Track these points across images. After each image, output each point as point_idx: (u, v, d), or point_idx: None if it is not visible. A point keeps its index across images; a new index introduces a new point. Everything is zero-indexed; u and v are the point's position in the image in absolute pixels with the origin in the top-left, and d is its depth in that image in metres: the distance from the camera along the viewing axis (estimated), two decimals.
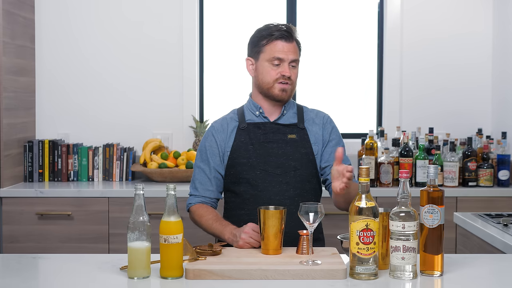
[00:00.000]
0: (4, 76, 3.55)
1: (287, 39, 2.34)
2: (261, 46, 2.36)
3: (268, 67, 2.35)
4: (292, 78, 2.35)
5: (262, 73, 2.37)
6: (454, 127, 4.08)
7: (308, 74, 4.22)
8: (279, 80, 2.34)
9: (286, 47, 2.33)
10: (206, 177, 2.40)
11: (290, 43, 2.35)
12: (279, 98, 2.36)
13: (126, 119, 4.07)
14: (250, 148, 2.36)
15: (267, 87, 2.36)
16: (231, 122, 2.43)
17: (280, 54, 2.33)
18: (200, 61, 4.18)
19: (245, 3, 4.25)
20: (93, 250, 3.47)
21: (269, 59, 2.34)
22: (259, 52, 2.37)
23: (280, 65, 2.34)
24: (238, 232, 2.15)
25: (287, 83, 2.34)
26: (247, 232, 2.12)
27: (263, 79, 2.37)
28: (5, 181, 3.56)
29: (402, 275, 1.81)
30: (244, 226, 2.16)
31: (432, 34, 4.12)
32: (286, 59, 2.33)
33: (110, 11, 4.07)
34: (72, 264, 1.98)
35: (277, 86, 2.34)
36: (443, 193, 1.86)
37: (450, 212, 3.10)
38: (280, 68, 2.33)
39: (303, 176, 2.37)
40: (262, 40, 2.36)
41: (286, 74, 2.33)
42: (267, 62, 2.35)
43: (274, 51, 2.33)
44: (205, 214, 2.34)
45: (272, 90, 2.36)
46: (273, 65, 2.34)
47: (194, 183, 2.43)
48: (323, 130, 2.43)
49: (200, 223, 2.36)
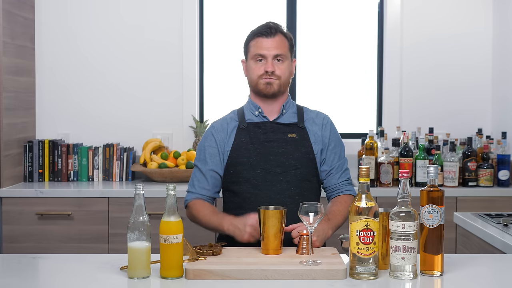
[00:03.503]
0: (4, 76, 3.55)
1: (268, 35, 2.37)
2: (247, 45, 2.43)
3: (253, 65, 2.39)
4: (278, 73, 2.37)
5: (249, 71, 2.43)
6: (454, 127, 4.08)
7: (308, 74, 4.23)
8: (263, 76, 2.37)
9: (268, 43, 2.36)
10: (203, 176, 2.41)
11: (272, 38, 2.37)
12: (265, 92, 2.39)
13: (126, 119, 4.07)
14: (250, 147, 2.37)
15: (254, 84, 2.41)
16: (231, 122, 2.45)
17: (261, 50, 2.36)
18: (200, 61, 4.18)
19: (245, 4, 4.25)
20: (93, 250, 3.47)
21: (253, 56, 2.39)
22: (247, 52, 2.44)
23: (264, 61, 2.37)
24: (241, 224, 2.15)
25: (271, 78, 2.37)
26: (252, 225, 2.12)
27: (250, 77, 2.42)
28: (5, 181, 3.56)
29: (402, 275, 1.81)
30: (246, 218, 2.16)
31: (432, 34, 4.12)
32: (268, 55, 2.36)
33: (110, 11, 4.07)
34: (72, 264, 1.98)
35: (262, 81, 2.38)
36: (443, 193, 1.86)
37: (450, 212, 3.09)
38: (264, 64, 2.37)
39: (303, 175, 2.37)
40: (248, 40, 2.43)
41: (269, 69, 2.35)
42: (252, 60, 2.40)
43: (256, 48, 2.38)
44: (202, 209, 2.35)
45: (258, 86, 2.39)
46: (257, 62, 2.38)
47: (192, 181, 2.45)
48: (323, 131, 2.44)
49: (198, 218, 2.36)
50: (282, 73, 2.38)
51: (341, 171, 2.45)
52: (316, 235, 2.15)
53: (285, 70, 2.39)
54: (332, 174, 2.43)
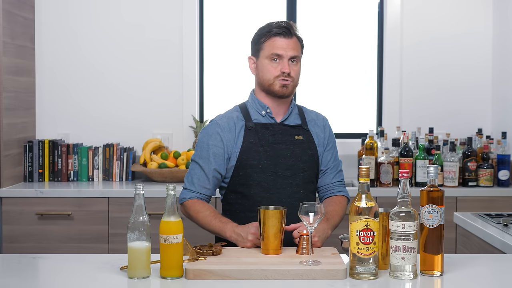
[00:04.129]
0: (4, 76, 3.55)
1: (285, 35, 2.33)
2: (260, 43, 2.36)
3: (268, 64, 2.34)
4: (293, 75, 2.34)
5: (262, 70, 2.36)
6: (454, 127, 4.08)
7: (308, 74, 4.22)
8: (280, 77, 2.32)
9: (285, 43, 2.33)
10: (205, 175, 2.35)
11: (289, 39, 2.34)
12: (280, 93, 2.35)
13: (126, 119, 4.07)
14: (260, 150, 2.33)
15: (268, 84, 2.35)
16: (238, 121, 2.38)
17: (279, 51, 2.32)
18: (200, 61, 4.18)
19: (245, 3, 4.25)
20: (93, 250, 3.47)
21: (268, 56, 2.33)
22: (259, 50, 2.37)
23: (279, 61, 2.33)
24: (244, 233, 2.13)
25: (287, 80, 2.33)
26: (254, 234, 2.11)
27: (264, 77, 2.36)
28: (5, 181, 3.56)
29: (402, 275, 1.81)
30: (248, 226, 2.14)
31: (432, 34, 4.12)
32: (285, 56, 2.32)
33: (110, 11, 4.07)
34: (72, 264, 1.98)
35: (278, 83, 2.33)
36: (443, 193, 1.86)
37: (450, 212, 3.10)
38: (279, 64, 2.32)
39: (309, 178, 2.37)
40: (261, 38, 2.36)
41: (286, 70, 2.31)
42: (267, 59, 2.34)
43: (273, 47, 2.33)
44: (202, 210, 2.31)
45: (273, 86, 2.34)
46: (272, 62, 2.33)
47: (191, 178, 2.37)
48: (324, 133, 2.45)
49: (197, 218, 2.32)
50: (296, 75, 2.36)
51: (336, 172, 2.45)
52: (318, 235, 2.15)
53: (298, 72, 2.37)
54: (327, 174, 2.43)
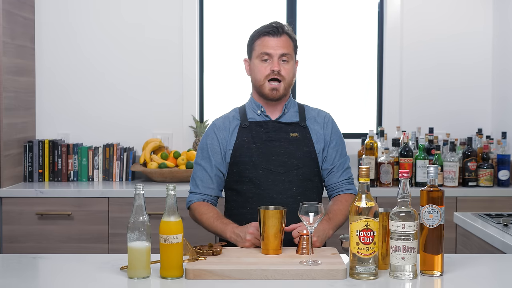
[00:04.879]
0: (4, 76, 3.55)
1: (274, 34, 2.35)
2: (252, 44, 2.40)
3: (258, 64, 2.36)
4: (283, 73, 2.35)
5: (254, 71, 2.39)
6: (454, 127, 4.08)
7: (308, 74, 4.22)
8: (270, 76, 2.34)
9: (274, 42, 2.35)
10: (207, 175, 2.39)
11: (279, 37, 2.35)
12: (270, 97, 2.37)
13: (126, 119, 4.07)
14: (252, 147, 2.36)
15: (259, 84, 2.37)
16: (233, 120, 2.43)
17: (268, 49, 2.34)
18: (200, 61, 4.18)
19: (245, 3, 4.25)
20: (93, 250, 3.47)
21: (258, 55, 2.36)
22: (252, 51, 2.41)
23: (269, 61, 2.35)
24: (242, 233, 2.15)
25: (278, 80, 2.34)
26: (252, 233, 2.12)
27: (255, 77, 2.39)
28: (5, 181, 3.56)
29: (402, 275, 1.81)
30: (247, 226, 2.15)
31: (432, 34, 4.12)
32: (274, 54, 2.34)
33: (110, 11, 4.07)
34: (72, 264, 1.98)
35: (267, 85, 2.35)
36: (443, 193, 1.86)
37: (450, 212, 3.09)
38: (270, 64, 2.35)
39: (305, 175, 2.37)
40: (253, 39, 2.40)
41: (275, 68, 2.33)
42: (257, 59, 2.37)
43: (262, 46, 2.35)
44: (206, 212, 2.33)
45: (263, 89, 2.37)
46: (263, 62, 2.35)
47: (194, 180, 2.41)
48: (324, 130, 2.44)
49: (201, 221, 2.35)
50: (287, 74, 2.36)
51: (342, 170, 2.45)
52: (317, 235, 2.15)
53: (289, 70, 2.37)
54: (333, 172, 2.43)
